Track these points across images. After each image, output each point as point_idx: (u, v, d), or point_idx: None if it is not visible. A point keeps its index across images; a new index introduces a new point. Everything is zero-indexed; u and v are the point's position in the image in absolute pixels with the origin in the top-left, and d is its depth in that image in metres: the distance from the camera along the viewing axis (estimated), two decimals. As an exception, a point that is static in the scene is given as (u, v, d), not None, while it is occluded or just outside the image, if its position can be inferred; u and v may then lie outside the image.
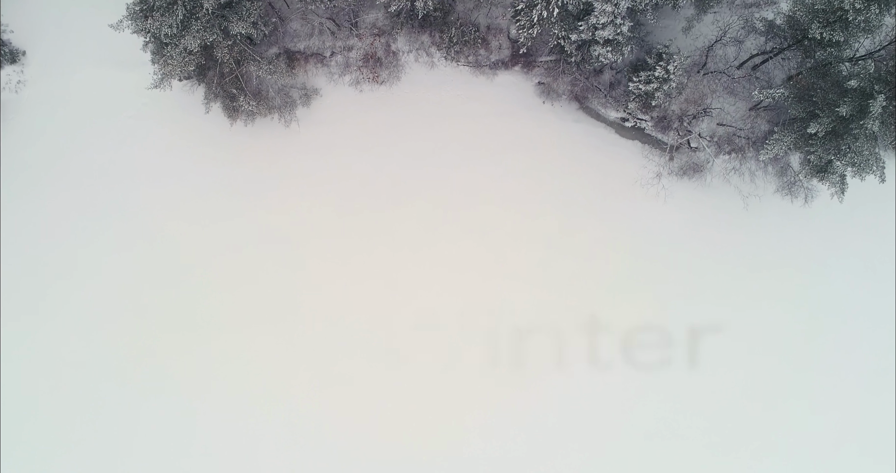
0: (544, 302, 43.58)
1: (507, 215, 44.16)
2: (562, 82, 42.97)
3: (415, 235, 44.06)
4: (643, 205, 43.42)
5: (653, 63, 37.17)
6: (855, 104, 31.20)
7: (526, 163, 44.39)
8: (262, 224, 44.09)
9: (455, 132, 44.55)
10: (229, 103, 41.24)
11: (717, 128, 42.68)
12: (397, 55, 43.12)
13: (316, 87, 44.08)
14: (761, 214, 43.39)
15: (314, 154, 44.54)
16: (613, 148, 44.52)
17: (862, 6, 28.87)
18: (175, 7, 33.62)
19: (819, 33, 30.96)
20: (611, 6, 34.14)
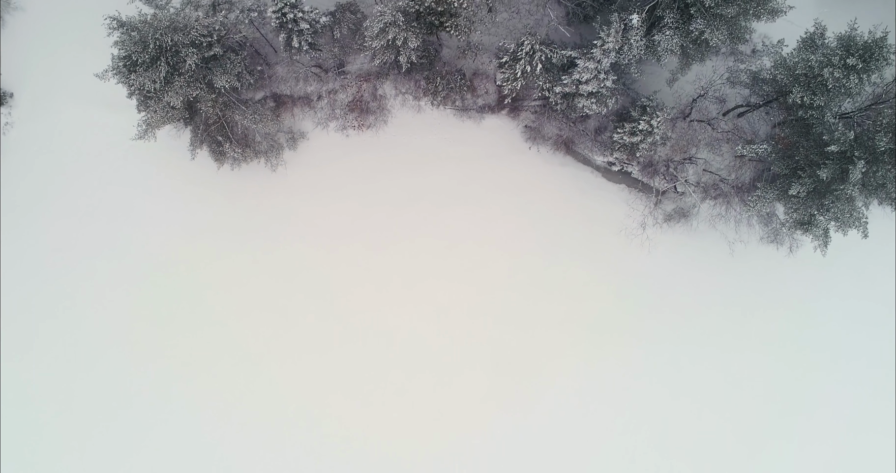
0: (530, 343, 43.78)
1: (493, 257, 44.25)
2: (548, 127, 43.08)
3: (401, 276, 44.20)
4: (629, 248, 43.51)
5: (637, 116, 37.18)
6: (835, 168, 31.26)
7: (512, 206, 44.47)
8: (249, 265, 44.23)
9: (442, 175, 44.61)
10: (216, 148, 41.27)
11: (703, 174, 42.73)
12: (384, 99, 43.15)
13: (303, 130, 44.15)
14: (747, 258, 43.50)
15: (301, 196, 44.61)
16: (600, 192, 44.58)
17: (842, 75, 28.91)
18: (158, 63, 33.65)
19: (800, 98, 30.99)
20: (593, 63, 34.18)
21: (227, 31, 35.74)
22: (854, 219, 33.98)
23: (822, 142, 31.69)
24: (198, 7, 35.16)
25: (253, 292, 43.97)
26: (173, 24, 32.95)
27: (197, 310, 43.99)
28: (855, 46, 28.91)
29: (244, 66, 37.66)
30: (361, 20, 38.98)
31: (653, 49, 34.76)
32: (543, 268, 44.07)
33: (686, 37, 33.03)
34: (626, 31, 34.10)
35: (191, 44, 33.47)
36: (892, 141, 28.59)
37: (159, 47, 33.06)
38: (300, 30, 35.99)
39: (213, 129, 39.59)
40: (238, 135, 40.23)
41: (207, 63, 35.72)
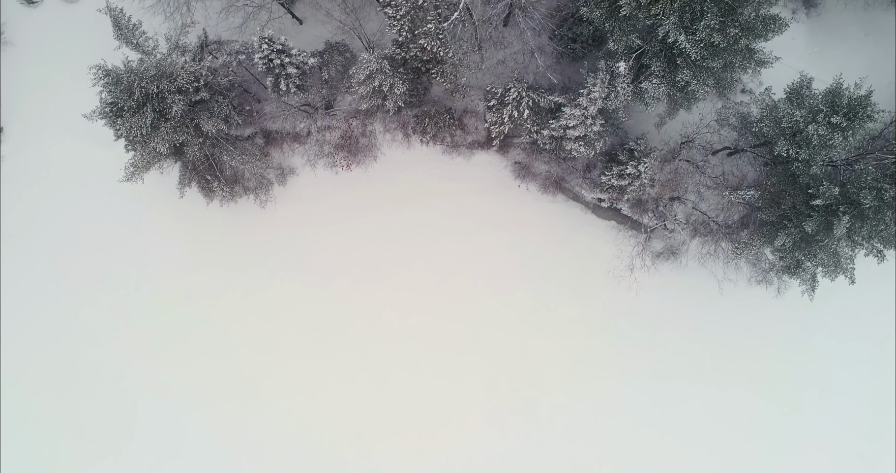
0: (519, 379, 43.79)
1: (483, 292, 44.25)
2: (538, 163, 43.07)
3: (391, 312, 44.21)
4: (618, 286, 43.44)
5: (625, 160, 37.13)
6: (821, 220, 31.22)
7: (502, 242, 44.43)
8: (239, 300, 44.25)
9: (432, 211, 44.55)
10: (205, 185, 41.25)
11: (692, 212, 42.67)
12: (373, 136, 43.10)
13: (293, 166, 44.11)
14: (736, 296, 43.41)
15: (291, 231, 44.60)
16: (589, 228, 44.52)
17: (826, 132, 28.87)
18: (144, 109, 33.62)
19: (785, 150, 30.95)
20: (580, 110, 34.13)
21: (215, 75, 35.75)
22: (841, 266, 33.99)
23: (809, 194, 31.64)
24: (185, 52, 35.12)
25: (242, 328, 44.02)
26: (159, 71, 32.93)
27: (187, 345, 44.08)
28: (839, 104, 28.84)
29: (232, 107, 37.66)
30: (351, 60, 38.96)
31: (640, 96, 34.70)
32: (533, 305, 44.05)
33: (673, 86, 32.97)
34: (612, 78, 34.06)
35: (177, 90, 33.46)
36: (877, 198, 28.51)
37: (145, 94, 33.03)
38: (287, 73, 35.95)
39: (201, 168, 39.57)
40: (227, 174, 40.20)
41: (195, 107, 35.70)
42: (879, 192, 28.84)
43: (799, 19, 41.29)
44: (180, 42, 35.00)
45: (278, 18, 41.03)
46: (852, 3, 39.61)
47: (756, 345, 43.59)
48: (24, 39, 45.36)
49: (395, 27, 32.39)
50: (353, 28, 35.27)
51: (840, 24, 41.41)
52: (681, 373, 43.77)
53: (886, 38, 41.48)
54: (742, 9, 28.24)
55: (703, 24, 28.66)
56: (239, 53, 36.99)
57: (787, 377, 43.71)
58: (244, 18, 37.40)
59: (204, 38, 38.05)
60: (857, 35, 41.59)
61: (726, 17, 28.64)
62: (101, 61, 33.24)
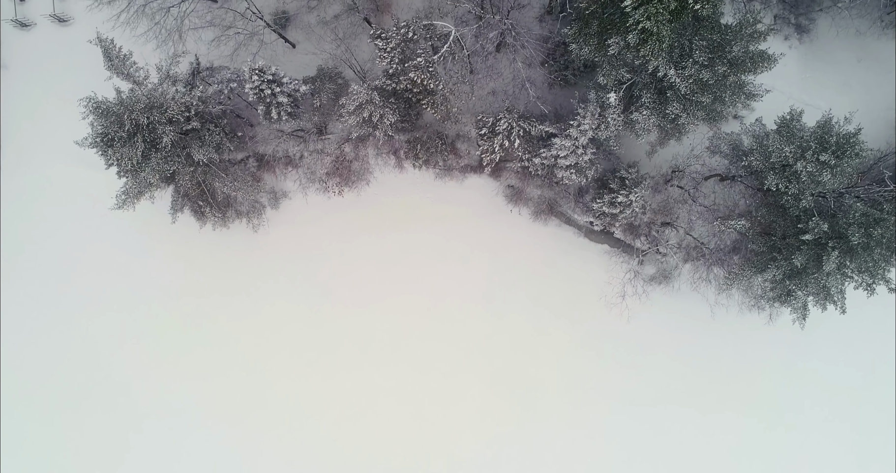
0: (512, 403, 43.82)
1: (476, 316, 44.25)
2: (531, 187, 43.05)
3: (384, 335, 44.27)
4: (611, 309, 43.41)
5: (616, 188, 37.13)
6: (811, 254, 31.25)
7: (495, 265, 44.43)
8: (231, 323, 44.33)
9: (424, 234, 44.56)
10: (197, 209, 41.26)
11: (684, 236, 42.64)
12: (366, 160, 43.07)
13: (285, 189, 44.11)
14: (728, 321, 43.38)
15: (284, 254, 44.65)
16: (582, 252, 44.50)
17: (815, 170, 28.86)
18: (135, 140, 33.62)
19: (775, 184, 30.95)
20: (570, 141, 34.14)
21: (206, 104, 35.75)
22: (831, 297, 33.99)
23: (799, 227, 31.65)
24: (176, 82, 35.12)
25: (235, 350, 44.13)
26: (150, 102, 32.93)
27: (180, 367, 44.20)
28: (828, 142, 28.81)
29: (224, 133, 37.64)
30: (343, 87, 38.96)
31: (630, 126, 34.71)
32: (525, 328, 44.06)
33: (663, 118, 32.96)
34: (603, 108, 34.08)
35: (168, 121, 33.46)
36: (865, 235, 28.52)
37: (136, 125, 33.03)
38: (279, 102, 35.95)
39: (193, 194, 39.57)
40: (219, 199, 40.19)
41: (186, 135, 35.71)
42: (868, 229, 28.82)
43: (792, 45, 41.25)
44: (171, 72, 34.98)
45: (271, 43, 41.02)
46: (844, 30, 39.57)
47: (748, 369, 43.61)
48: (18, 62, 45.36)
49: (385, 59, 32.38)
50: (343, 59, 35.25)
51: (832, 49, 41.39)
52: (673, 397, 43.81)
53: (878, 64, 41.45)
54: (730, 46, 28.22)
55: (691, 61, 28.67)
56: (230, 81, 37.01)
57: (779, 401, 43.72)
58: (234, 47, 37.36)
59: (196, 65, 38.06)
60: (849, 61, 41.57)
61: (715, 54, 28.65)
62: (92, 93, 33.25)
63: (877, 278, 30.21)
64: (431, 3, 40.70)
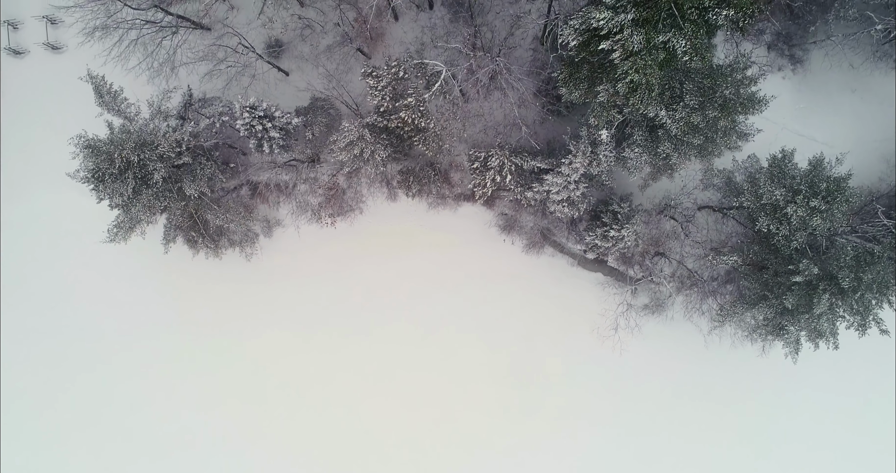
0: (505, 433, 43.82)
1: (469, 345, 44.26)
2: (524, 216, 43.00)
3: (376, 365, 44.27)
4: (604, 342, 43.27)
5: (608, 222, 37.08)
6: (802, 294, 31.19)
7: (489, 294, 44.40)
8: (223, 351, 44.37)
9: (418, 262, 44.53)
10: (190, 238, 41.21)
11: (678, 266, 42.59)
12: (359, 189, 43.01)
13: (279, 218, 44.06)
14: (721, 350, 43.29)
15: (277, 283, 44.64)
16: (576, 280, 44.45)
17: (805, 214, 28.82)
18: (125, 175, 33.56)
19: (766, 226, 30.91)
20: (561, 178, 34.08)
21: (197, 138, 35.70)
22: (823, 335, 33.94)
23: (790, 268, 31.62)
24: (167, 117, 35.06)
25: (228, 379, 44.17)
26: (140, 140, 32.86)
27: (173, 397, 44.23)
28: (818, 188, 28.72)
29: (216, 166, 37.62)
30: (336, 118, 38.94)
31: (623, 162, 34.66)
32: (519, 357, 44.08)
33: (654, 156, 32.91)
34: (595, 145, 34.03)
35: (158, 158, 33.39)
36: (855, 279, 28.48)
37: (126, 162, 32.98)
38: (271, 137, 35.91)
39: (185, 226, 39.53)
40: (211, 230, 40.12)
41: (178, 169, 35.65)
42: (858, 272, 28.79)
43: (785, 76, 41.20)
44: (163, 107, 34.91)
45: (264, 73, 41.00)
46: (837, 64, 39.49)
47: (741, 399, 43.60)
48: (11, 89, 45.23)
49: (376, 97, 32.32)
50: (335, 96, 35.22)
51: (826, 80, 41.31)
52: (666, 426, 43.85)
53: (872, 95, 41.36)
54: (721, 90, 28.17)
55: (682, 104, 28.62)
56: (222, 115, 36.93)
57: (773, 431, 43.73)
58: (227, 81, 37.30)
59: (188, 96, 38.04)
60: (843, 91, 41.49)
61: (705, 97, 28.60)
62: (82, 131, 33.20)
63: (868, 319, 30.14)
64: (424, 34, 40.70)
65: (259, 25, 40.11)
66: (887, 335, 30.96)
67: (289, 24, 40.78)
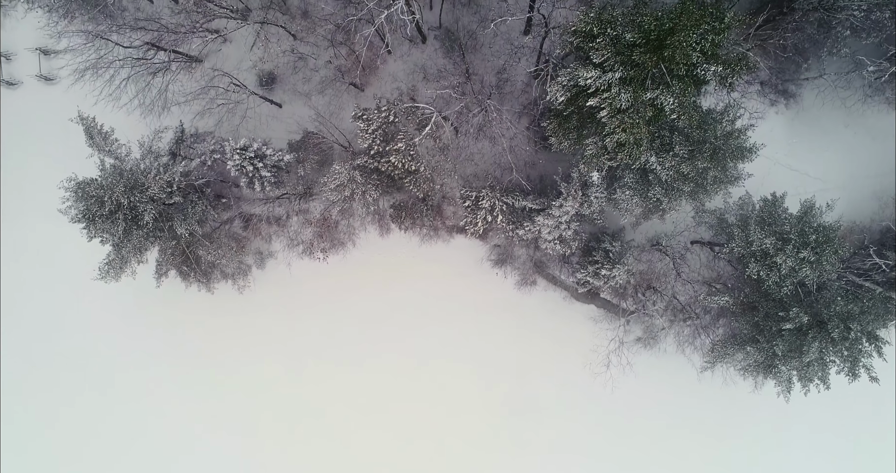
0: (498, 465, 43.77)
1: (462, 378, 44.18)
2: (517, 248, 42.95)
3: (368, 397, 44.23)
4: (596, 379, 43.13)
5: (600, 260, 37.02)
6: (792, 340, 31.14)
7: (482, 326, 44.31)
8: (215, 383, 44.33)
9: (411, 294, 44.46)
10: (183, 270, 41.15)
11: (671, 299, 42.52)
12: (352, 219, 42.87)
13: (272, 250, 43.98)
14: (714, 383, 43.17)
15: (270, 314, 44.56)
16: (569, 312, 44.34)
17: (795, 265, 28.77)
18: (116, 216, 33.54)
19: (756, 272, 30.86)
20: (552, 220, 34.04)
21: (188, 177, 35.67)
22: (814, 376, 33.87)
23: (779, 316, 31.57)
24: (158, 157, 35.03)
25: (220, 411, 44.09)
26: (130, 183, 32.83)
27: (165, 428, 44.18)
28: (808, 239, 28.63)
29: (208, 202, 37.60)
30: (328, 154, 38.92)
31: (614, 203, 34.62)
32: (511, 390, 44.04)
33: (645, 199, 32.86)
34: (586, 186, 34.01)
35: (149, 200, 33.36)
36: (845, 329, 28.42)
37: (116, 204, 32.95)
38: (262, 176, 35.87)
39: (177, 261, 39.49)
40: (203, 266, 40.05)
41: (169, 208, 35.62)
42: (847, 322, 28.74)
43: (778, 110, 41.16)
44: (153, 147, 34.88)
45: (256, 107, 40.91)
46: (830, 102, 39.45)
47: (734, 433, 43.55)
48: (6, 119, 45.17)
49: (367, 140, 32.29)
50: (327, 135, 35.19)
51: (819, 114, 41.25)
52: (659, 460, 43.78)
53: (865, 130, 41.32)
54: (710, 141, 28.13)
55: (671, 154, 28.59)
56: (214, 152, 36.91)
57: (766, 465, 43.64)
58: (218, 119, 37.26)
59: (180, 132, 38.01)
60: (836, 126, 41.44)
61: (695, 147, 28.56)
62: (72, 174, 33.19)
63: (858, 367, 30.09)
64: (415, 73, 40.65)
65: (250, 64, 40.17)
66: (877, 382, 30.81)
67: (281, 57, 40.72)
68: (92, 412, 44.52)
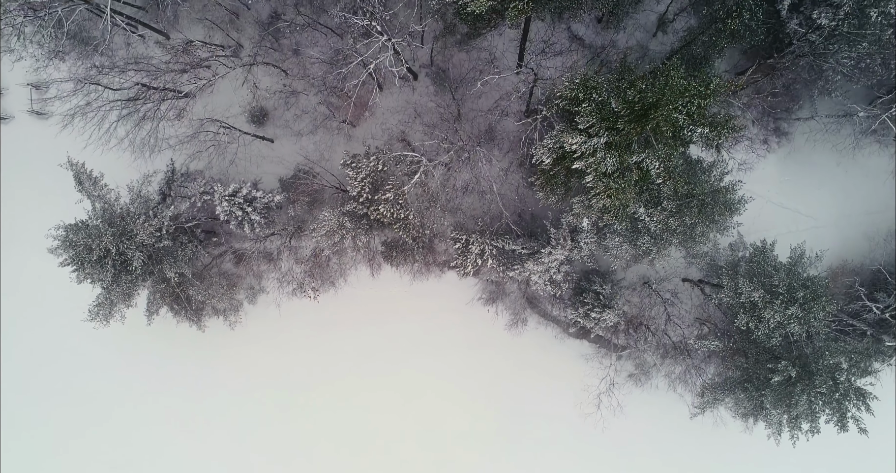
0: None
1: (452, 413, 44.17)
2: (509, 283, 42.89)
3: (359, 432, 44.19)
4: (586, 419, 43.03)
5: (590, 303, 36.99)
6: (781, 391, 31.11)
7: (473, 361, 44.25)
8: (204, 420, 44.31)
9: (402, 328, 44.42)
10: (175, 307, 41.08)
11: (663, 335, 42.49)
12: (342, 257, 42.86)
13: (263, 285, 43.90)
14: (705, 421, 43.09)
15: (259, 349, 44.49)
16: (561, 348, 44.27)
17: (782, 319, 28.73)
18: (104, 262, 33.49)
19: (745, 323, 30.83)
20: (542, 267, 34.01)
21: (178, 218, 35.63)
22: (801, 429, 33.81)
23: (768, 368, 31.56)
24: (147, 201, 34.98)
25: (210, 447, 44.00)
26: (119, 230, 32.76)
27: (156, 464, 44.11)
28: (796, 294, 28.57)
29: (198, 242, 37.56)
30: (320, 194, 38.88)
31: (604, 248, 34.59)
32: (503, 425, 43.97)
33: (635, 247, 32.84)
34: (576, 232, 33.97)
35: (137, 247, 33.29)
36: (833, 385, 28.39)
37: (105, 251, 32.90)
38: (251, 220, 35.83)
39: (168, 299, 39.42)
40: (194, 306, 39.97)
41: (158, 252, 35.55)
42: (835, 375, 28.71)
43: (770, 148, 41.12)
44: (143, 191, 34.84)
45: (248, 144, 40.88)
46: (821, 143, 39.41)
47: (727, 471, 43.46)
48: (1, 154, 45.20)
49: (356, 188, 32.25)
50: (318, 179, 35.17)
51: (810, 152, 41.20)
52: (651, 494, 43.77)
53: (857, 167, 41.23)
54: (697, 198, 28.09)
55: (659, 209, 28.55)
56: (204, 194, 36.86)
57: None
58: (209, 161, 37.22)
59: (170, 172, 37.94)
60: (828, 163, 41.38)
61: (683, 202, 28.53)
62: (60, 222, 33.14)
63: (846, 420, 30.05)
64: (407, 108, 40.62)
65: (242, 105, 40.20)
66: (865, 434, 30.72)
67: (271, 97, 40.73)
68: (84, 447, 44.43)
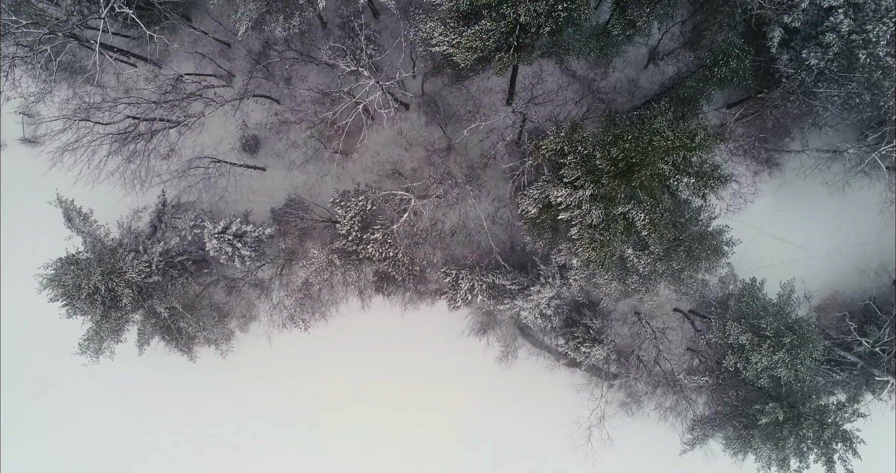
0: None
1: (442, 443, 44.23)
2: (501, 311, 42.85)
3: (350, 460, 44.24)
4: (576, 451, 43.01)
5: (581, 337, 37.00)
6: (769, 431, 31.14)
7: (464, 390, 44.29)
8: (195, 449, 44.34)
9: (394, 357, 44.43)
10: (166, 338, 41.08)
11: (654, 365, 42.51)
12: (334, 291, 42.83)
13: (254, 313, 43.91)
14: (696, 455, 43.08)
15: (251, 377, 44.55)
16: (553, 376, 44.28)
17: (769, 364, 28.77)
18: (94, 299, 33.50)
19: (733, 364, 30.85)
20: (531, 303, 34.02)
21: (168, 253, 35.64)
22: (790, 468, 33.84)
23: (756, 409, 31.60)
24: (137, 236, 35.00)
25: (203, 472, 44.16)
26: (108, 268, 32.76)
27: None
28: (783, 339, 28.57)
29: (189, 275, 37.56)
30: (310, 225, 38.88)
31: (594, 285, 34.61)
32: (494, 454, 44.00)
33: (624, 285, 32.87)
34: (565, 269, 33.98)
35: (126, 284, 33.30)
36: (820, 429, 28.44)
37: (94, 288, 32.91)
38: (241, 255, 35.84)
39: (160, 332, 39.42)
40: (185, 338, 39.94)
41: (148, 288, 35.57)
42: (822, 417, 28.75)
43: (761, 179, 41.12)
44: (133, 227, 34.85)
45: (240, 175, 40.87)
46: (812, 176, 39.40)
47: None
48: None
49: (345, 227, 32.25)
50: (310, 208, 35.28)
51: (803, 184, 41.18)
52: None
53: (847, 199, 41.11)
54: (684, 244, 28.11)
55: (647, 252, 28.57)
56: (195, 227, 36.87)
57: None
58: (199, 195, 37.24)
59: (161, 204, 37.96)
60: (819, 195, 41.35)
61: (670, 246, 28.54)
62: (49, 260, 33.14)
63: (834, 463, 30.08)
64: (398, 138, 40.65)
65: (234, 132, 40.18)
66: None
67: (264, 128, 40.76)
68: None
